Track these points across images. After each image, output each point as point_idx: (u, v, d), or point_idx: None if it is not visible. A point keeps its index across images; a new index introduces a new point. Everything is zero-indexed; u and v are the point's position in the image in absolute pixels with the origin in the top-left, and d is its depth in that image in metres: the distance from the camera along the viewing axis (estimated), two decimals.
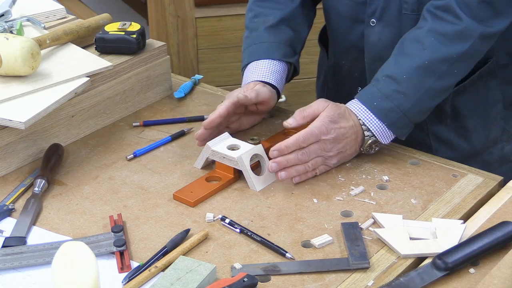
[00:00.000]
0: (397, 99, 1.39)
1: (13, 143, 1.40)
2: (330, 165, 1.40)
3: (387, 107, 1.39)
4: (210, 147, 1.38)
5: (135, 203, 1.32)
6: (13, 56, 1.41)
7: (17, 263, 1.17)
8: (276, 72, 1.55)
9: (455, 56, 1.39)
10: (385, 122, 1.40)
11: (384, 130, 1.41)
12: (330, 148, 1.38)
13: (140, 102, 1.64)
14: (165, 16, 2.80)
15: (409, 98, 1.39)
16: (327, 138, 1.37)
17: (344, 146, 1.39)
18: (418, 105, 1.40)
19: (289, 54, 1.59)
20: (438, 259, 1.13)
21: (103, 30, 1.61)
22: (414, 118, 1.42)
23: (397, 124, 1.40)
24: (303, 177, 1.38)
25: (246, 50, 1.61)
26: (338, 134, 1.38)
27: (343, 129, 1.39)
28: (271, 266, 1.16)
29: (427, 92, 1.40)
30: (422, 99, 1.40)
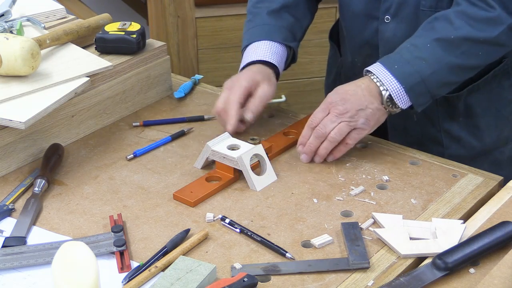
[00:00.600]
0: (417, 64, 1.39)
1: (13, 143, 1.40)
2: (360, 126, 1.38)
3: (407, 71, 1.39)
4: (210, 147, 1.38)
5: (135, 203, 1.32)
6: (13, 56, 1.41)
7: (17, 263, 1.17)
8: (277, 53, 1.56)
9: (482, 39, 1.39)
10: (403, 85, 1.39)
11: (401, 93, 1.39)
12: (344, 109, 1.38)
13: (140, 102, 1.64)
14: (165, 16, 2.80)
15: (430, 66, 1.39)
16: (334, 101, 1.38)
17: (359, 102, 1.38)
18: (437, 75, 1.39)
19: (290, 38, 1.60)
20: (438, 259, 1.12)
21: (103, 30, 1.61)
22: (432, 87, 1.40)
23: (415, 90, 1.39)
24: (337, 153, 1.40)
25: (247, 32, 1.62)
26: (344, 93, 1.39)
27: (348, 89, 1.39)
28: (271, 266, 1.16)
29: (448, 65, 1.39)
30: (442, 70, 1.39)
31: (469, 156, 1.52)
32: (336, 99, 1.39)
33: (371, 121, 1.39)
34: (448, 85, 1.44)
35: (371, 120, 1.39)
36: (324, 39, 2.91)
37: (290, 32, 1.61)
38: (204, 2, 2.78)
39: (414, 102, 1.40)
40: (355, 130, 1.39)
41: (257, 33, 1.59)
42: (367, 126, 1.39)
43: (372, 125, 1.40)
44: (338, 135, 1.38)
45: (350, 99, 1.39)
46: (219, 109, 1.48)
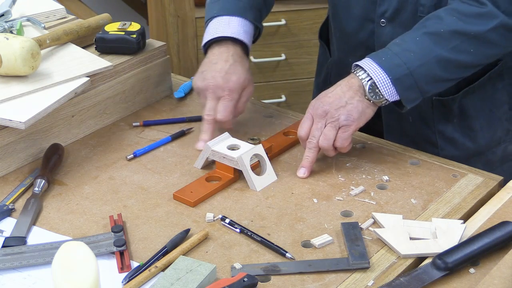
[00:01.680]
0: (405, 56, 1.36)
1: (13, 143, 1.40)
2: (343, 123, 1.36)
3: (394, 62, 1.37)
4: (210, 147, 1.38)
5: (135, 203, 1.32)
6: (13, 56, 1.41)
7: (17, 263, 1.17)
8: (248, 32, 1.55)
9: (472, 34, 1.36)
10: (390, 76, 1.36)
11: (387, 83, 1.36)
12: (323, 111, 1.37)
13: (140, 102, 1.64)
14: (165, 16, 2.80)
15: (418, 58, 1.36)
16: (314, 106, 1.38)
17: (337, 101, 1.37)
18: (426, 68, 1.36)
19: (258, 19, 1.59)
20: (438, 259, 1.13)
21: (103, 30, 1.61)
22: (421, 81, 1.37)
23: (403, 82, 1.36)
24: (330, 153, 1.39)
25: (216, 2, 1.59)
26: (323, 96, 1.38)
27: (328, 91, 1.38)
28: (271, 266, 1.16)
29: (437, 58, 1.36)
30: (431, 63, 1.36)
31: (464, 157, 1.51)
32: (316, 104, 1.38)
33: (354, 114, 1.36)
34: (438, 81, 1.40)
35: (354, 114, 1.36)
36: None
37: (259, 12, 1.59)
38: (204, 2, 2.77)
39: (402, 96, 1.37)
40: (341, 129, 1.37)
41: (229, 7, 1.56)
42: (351, 121, 1.36)
43: (356, 118, 1.36)
44: (325, 141, 1.36)
45: (328, 100, 1.37)
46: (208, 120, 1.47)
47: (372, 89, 1.37)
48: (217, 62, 1.49)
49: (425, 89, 1.39)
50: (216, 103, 1.47)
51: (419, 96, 1.39)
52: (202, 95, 1.50)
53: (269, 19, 2.83)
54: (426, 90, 1.39)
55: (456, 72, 1.41)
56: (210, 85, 1.47)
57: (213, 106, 1.47)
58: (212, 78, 1.48)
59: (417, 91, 1.38)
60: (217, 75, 1.48)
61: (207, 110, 1.47)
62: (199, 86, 1.49)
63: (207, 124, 1.47)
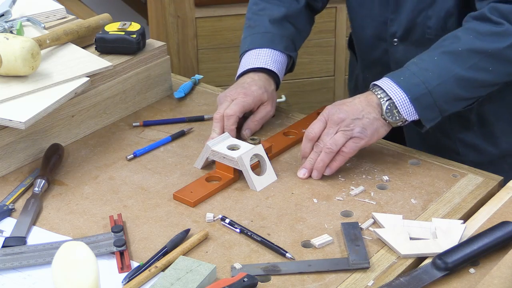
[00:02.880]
0: (423, 75, 1.36)
1: (13, 143, 1.40)
2: (356, 135, 1.35)
3: (413, 81, 1.36)
4: (210, 147, 1.38)
5: (135, 203, 1.32)
6: (13, 56, 1.41)
7: (17, 263, 1.17)
8: (278, 61, 1.57)
9: (490, 51, 1.36)
10: (409, 95, 1.36)
11: (406, 102, 1.36)
12: (339, 118, 1.36)
13: (140, 102, 1.64)
14: (165, 16, 2.80)
15: (436, 77, 1.36)
16: (330, 112, 1.37)
17: (355, 111, 1.36)
18: (444, 87, 1.36)
19: (291, 48, 1.61)
20: (438, 259, 1.13)
21: (103, 30, 1.61)
22: (439, 100, 1.36)
23: (421, 101, 1.36)
24: (334, 164, 1.37)
25: (247, 38, 1.62)
26: (341, 104, 1.38)
27: (346, 100, 1.38)
28: (271, 266, 1.16)
29: (455, 77, 1.36)
30: (449, 82, 1.36)
31: (487, 162, 1.51)
32: (332, 110, 1.38)
33: (368, 130, 1.36)
34: (457, 100, 1.39)
35: (368, 129, 1.36)
36: (323, 39, 2.92)
37: (291, 42, 1.62)
38: (204, 2, 2.78)
39: (421, 115, 1.37)
40: (352, 139, 1.36)
41: (259, 40, 1.59)
42: (364, 136, 1.36)
43: (369, 134, 1.36)
44: (333, 145, 1.35)
45: (346, 109, 1.37)
46: (219, 116, 1.48)
47: (389, 110, 1.37)
48: (243, 82, 1.54)
49: (444, 108, 1.38)
50: (228, 105, 1.49)
51: (438, 115, 1.38)
52: (218, 105, 1.51)
53: None
54: (445, 109, 1.39)
55: (475, 91, 1.41)
56: (230, 92, 1.51)
57: (224, 107, 1.49)
58: (234, 88, 1.52)
59: (436, 110, 1.37)
60: (239, 87, 1.52)
61: (218, 109, 1.49)
62: (221, 96, 1.52)
63: (216, 122, 1.47)
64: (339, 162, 1.37)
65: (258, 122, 1.52)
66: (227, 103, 1.49)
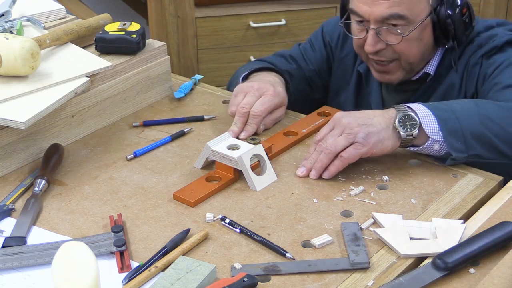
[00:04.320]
0: (449, 104, 1.37)
1: (13, 143, 1.40)
2: (358, 141, 1.33)
3: (441, 107, 1.36)
4: (210, 147, 1.38)
5: (135, 203, 1.32)
6: (13, 56, 1.41)
7: (17, 263, 1.17)
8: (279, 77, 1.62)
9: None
10: (436, 115, 1.34)
11: (430, 118, 1.34)
12: (347, 122, 1.34)
13: (140, 102, 1.64)
14: (165, 16, 2.80)
15: (461, 110, 1.36)
16: (340, 116, 1.36)
17: (364, 118, 1.34)
18: (470, 119, 1.34)
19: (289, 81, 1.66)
20: (438, 259, 1.12)
21: (103, 30, 1.61)
22: (466, 130, 1.34)
23: (448, 123, 1.33)
24: (332, 167, 1.35)
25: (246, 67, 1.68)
26: (351, 113, 1.37)
27: (358, 111, 1.37)
28: (271, 266, 1.16)
29: (479, 116, 1.35)
30: (473, 117, 1.35)
31: None
32: (341, 114, 1.37)
33: (372, 138, 1.33)
34: (482, 138, 1.35)
35: (372, 137, 1.33)
36: None
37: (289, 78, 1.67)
38: (204, 2, 2.78)
39: (446, 137, 1.33)
40: (353, 145, 1.34)
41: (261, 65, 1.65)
42: (366, 143, 1.33)
43: (371, 143, 1.33)
44: (333, 146, 1.34)
45: (356, 115, 1.36)
46: (244, 111, 1.48)
47: (403, 120, 1.34)
48: (265, 78, 1.56)
49: (470, 142, 1.34)
50: (255, 100, 1.49)
51: (464, 148, 1.34)
52: (240, 93, 1.51)
53: (269, 19, 2.83)
54: (471, 144, 1.34)
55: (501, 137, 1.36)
56: (256, 84, 1.51)
57: (250, 101, 1.49)
58: (261, 82, 1.53)
59: (462, 139, 1.34)
60: (265, 82, 1.53)
61: (243, 103, 1.49)
62: (243, 87, 1.52)
63: (240, 116, 1.48)
64: (336, 166, 1.36)
65: (273, 122, 1.54)
66: (253, 98, 1.50)
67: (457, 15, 1.54)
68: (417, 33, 1.54)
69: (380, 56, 1.58)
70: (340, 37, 1.76)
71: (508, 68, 1.51)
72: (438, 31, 1.56)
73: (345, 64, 1.76)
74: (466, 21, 1.56)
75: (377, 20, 1.53)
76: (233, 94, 1.53)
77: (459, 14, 1.54)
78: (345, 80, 1.77)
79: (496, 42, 1.56)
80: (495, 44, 1.56)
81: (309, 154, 1.39)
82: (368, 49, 1.56)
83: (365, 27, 1.56)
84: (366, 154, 1.35)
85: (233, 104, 1.51)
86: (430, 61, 1.62)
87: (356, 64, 1.74)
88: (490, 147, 1.36)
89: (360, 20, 1.56)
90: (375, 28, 1.54)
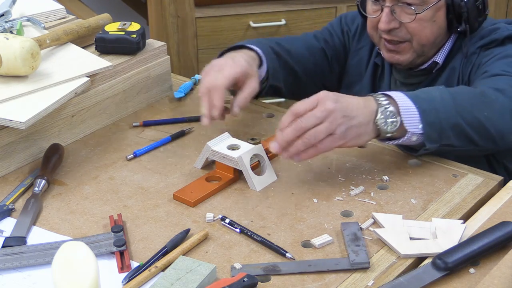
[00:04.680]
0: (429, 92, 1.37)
1: (13, 143, 1.40)
2: (337, 134, 1.28)
3: (421, 96, 1.35)
4: (210, 147, 1.38)
5: (135, 203, 1.32)
6: (13, 56, 1.41)
7: (17, 263, 1.17)
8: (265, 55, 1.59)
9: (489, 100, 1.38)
10: (417, 104, 1.32)
11: (412, 111, 1.32)
12: (332, 108, 1.28)
13: (140, 102, 1.64)
14: (165, 16, 2.80)
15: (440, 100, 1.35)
16: (325, 96, 1.29)
17: (349, 109, 1.30)
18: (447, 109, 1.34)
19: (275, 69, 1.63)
20: (438, 259, 1.12)
21: (103, 30, 1.61)
22: (444, 121, 1.33)
23: (428, 114, 1.32)
24: (304, 154, 1.30)
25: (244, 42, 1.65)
26: (338, 95, 1.31)
27: (342, 95, 1.32)
28: (271, 266, 1.16)
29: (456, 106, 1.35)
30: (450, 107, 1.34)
31: None
32: (328, 95, 1.30)
33: (351, 133, 1.29)
34: (457, 127, 1.34)
35: (351, 132, 1.29)
36: None
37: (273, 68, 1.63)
38: (204, 2, 2.78)
39: (425, 130, 1.32)
40: (331, 136, 1.29)
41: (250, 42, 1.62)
42: (344, 137, 1.29)
43: (349, 137, 1.29)
44: (312, 137, 1.28)
45: (341, 100, 1.30)
46: (205, 90, 1.43)
47: (384, 117, 1.31)
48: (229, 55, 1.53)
49: (445, 133, 1.34)
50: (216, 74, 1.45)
51: (438, 138, 1.34)
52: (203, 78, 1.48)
53: (269, 19, 2.83)
54: (446, 135, 1.35)
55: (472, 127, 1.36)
56: (215, 62, 1.49)
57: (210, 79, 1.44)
58: (220, 59, 1.51)
59: (439, 130, 1.33)
60: (225, 58, 1.51)
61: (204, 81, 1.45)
62: (206, 68, 1.49)
63: (203, 95, 1.43)
64: (309, 155, 1.30)
65: (246, 99, 1.47)
66: (214, 73, 1.45)
67: (471, 0, 1.55)
68: (430, 14, 1.55)
69: (393, 35, 1.58)
70: (358, 28, 1.77)
71: (501, 60, 1.52)
72: (452, 14, 1.57)
73: (360, 56, 1.76)
74: (480, 7, 1.57)
75: None
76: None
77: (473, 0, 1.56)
78: (359, 72, 1.76)
79: (496, 35, 1.57)
80: (496, 38, 1.57)
81: (283, 125, 1.31)
82: (381, 26, 1.57)
83: (381, 5, 1.57)
84: (341, 146, 1.32)
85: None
86: (441, 49, 1.62)
87: (372, 57, 1.74)
88: (461, 135, 1.36)
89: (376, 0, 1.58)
90: (390, 6, 1.55)
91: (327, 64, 1.78)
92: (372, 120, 1.32)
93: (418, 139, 1.35)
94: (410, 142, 1.35)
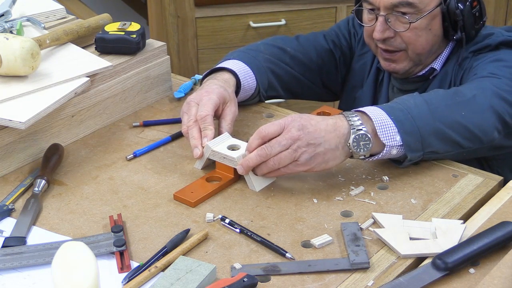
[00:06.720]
0: (403, 102, 1.36)
1: (13, 143, 1.40)
2: (301, 161, 1.28)
3: (395, 106, 1.35)
4: (211, 147, 1.38)
5: (135, 203, 1.32)
6: (13, 56, 1.41)
7: (17, 263, 1.17)
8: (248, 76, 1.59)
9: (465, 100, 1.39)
10: (392, 116, 1.32)
11: (387, 123, 1.31)
12: (297, 136, 1.28)
13: (140, 102, 1.64)
14: (165, 16, 2.80)
15: (415, 108, 1.34)
16: (293, 122, 1.29)
17: (315, 136, 1.28)
18: (423, 115, 1.33)
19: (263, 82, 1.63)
20: (438, 259, 1.12)
21: (103, 30, 1.61)
22: (422, 129, 1.32)
23: (405, 124, 1.31)
24: (268, 175, 1.33)
25: (233, 53, 1.67)
26: (306, 119, 1.30)
27: (314, 117, 1.31)
28: (271, 266, 1.16)
29: (431, 111, 1.35)
30: (425, 113, 1.34)
31: None
32: (295, 121, 1.29)
33: (316, 160, 1.29)
34: (437, 133, 1.34)
35: (317, 159, 1.29)
36: None
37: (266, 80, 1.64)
38: (204, 2, 2.78)
39: (405, 140, 1.31)
40: (295, 163, 1.29)
41: (242, 56, 1.63)
42: (308, 164, 1.29)
43: (314, 164, 1.29)
44: (277, 164, 1.29)
45: (308, 127, 1.29)
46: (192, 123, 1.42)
47: (357, 140, 1.30)
48: (203, 86, 1.51)
49: (427, 141, 1.34)
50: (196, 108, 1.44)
51: (420, 147, 1.33)
52: (182, 116, 1.46)
53: (269, 19, 2.83)
54: (428, 143, 1.34)
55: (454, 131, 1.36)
56: (190, 98, 1.46)
57: (192, 113, 1.43)
58: (195, 93, 1.48)
59: (419, 138, 1.32)
60: (199, 90, 1.49)
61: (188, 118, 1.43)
62: (183, 107, 1.47)
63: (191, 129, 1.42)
64: (274, 175, 1.33)
65: (231, 125, 1.47)
66: (194, 108, 1.44)
67: (467, 7, 1.55)
68: (425, 23, 1.55)
69: (388, 45, 1.58)
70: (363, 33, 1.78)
71: (491, 63, 1.52)
72: (447, 22, 1.56)
73: (364, 61, 1.77)
74: (476, 15, 1.57)
75: (387, 7, 1.54)
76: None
77: (469, 7, 1.55)
78: (362, 76, 1.77)
79: (490, 41, 1.57)
80: (489, 43, 1.57)
81: (250, 148, 1.32)
82: (376, 35, 1.57)
83: (376, 14, 1.57)
84: (306, 171, 1.32)
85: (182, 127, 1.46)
86: (439, 56, 1.62)
87: (375, 62, 1.74)
88: (443, 140, 1.36)
89: (371, 8, 1.58)
90: (384, 15, 1.55)
91: (334, 66, 1.79)
92: (341, 144, 1.30)
93: (399, 151, 1.34)
94: (391, 156, 1.35)
